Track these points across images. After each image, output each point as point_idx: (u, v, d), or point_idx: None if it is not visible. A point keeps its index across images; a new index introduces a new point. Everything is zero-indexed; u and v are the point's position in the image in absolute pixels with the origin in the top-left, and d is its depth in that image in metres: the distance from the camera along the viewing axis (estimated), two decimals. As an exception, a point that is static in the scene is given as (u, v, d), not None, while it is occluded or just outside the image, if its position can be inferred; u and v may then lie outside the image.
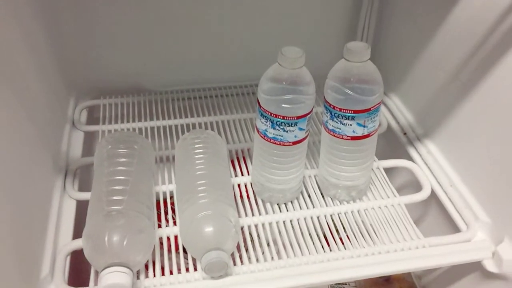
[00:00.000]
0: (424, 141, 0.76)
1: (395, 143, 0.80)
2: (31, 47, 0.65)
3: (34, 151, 0.61)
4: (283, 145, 0.59)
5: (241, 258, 0.58)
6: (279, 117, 0.56)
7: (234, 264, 0.57)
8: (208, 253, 0.52)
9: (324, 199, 0.66)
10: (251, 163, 0.69)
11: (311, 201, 0.66)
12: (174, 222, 0.62)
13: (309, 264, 0.57)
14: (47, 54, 0.73)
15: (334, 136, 0.60)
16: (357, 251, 0.59)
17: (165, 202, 0.66)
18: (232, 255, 0.57)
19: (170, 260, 0.58)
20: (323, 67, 0.62)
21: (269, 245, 0.60)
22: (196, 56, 0.87)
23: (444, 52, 0.70)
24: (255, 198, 0.66)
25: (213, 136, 0.68)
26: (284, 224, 0.63)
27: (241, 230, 0.61)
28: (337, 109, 0.58)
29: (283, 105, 0.56)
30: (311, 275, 0.56)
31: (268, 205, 0.65)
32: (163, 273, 0.56)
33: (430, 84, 0.74)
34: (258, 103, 0.58)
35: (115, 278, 0.49)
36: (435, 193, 0.69)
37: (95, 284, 0.54)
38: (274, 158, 0.60)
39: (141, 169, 0.62)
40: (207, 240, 0.53)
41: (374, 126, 0.60)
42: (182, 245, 0.58)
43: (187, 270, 0.56)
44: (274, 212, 0.64)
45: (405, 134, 0.80)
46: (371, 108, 0.58)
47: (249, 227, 0.62)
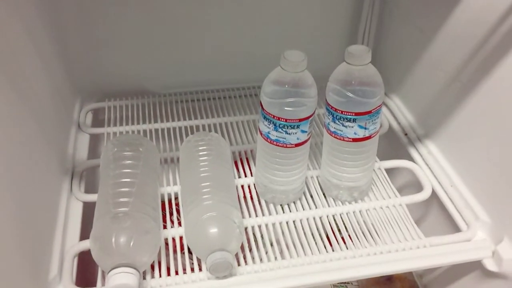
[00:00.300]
0: (425, 142, 0.77)
1: (396, 143, 0.81)
2: (37, 51, 0.66)
3: (41, 154, 0.61)
4: (286, 147, 0.59)
5: (245, 258, 0.59)
6: (282, 119, 0.57)
7: (238, 264, 0.58)
8: (213, 253, 0.53)
9: (327, 200, 0.67)
10: (254, 165, 0.69)
11: (314, 201, 0.67)
12: (179, 223, 0.62)
13: (312, 264, 0.58)
14: (52, 58, 0.74)
15: (335, 138, 0.61)
16: (359, 251, 0.59)
17: (170, 203, 0.66)
18: (236, 255, 0.58)
19: (175, 260, 0.58)
20: (325, 69, 0.63)
21: (272, 245, 0.61)
22: (199, 58, 0.88)
23: (444, 54, 0.70)
24: (259, 199, 0.67)
25: (216, 138, 0.69)
26: (287, 225, 0.63)
27: (245, 231, 0.61)
28: (338, 111, 0.59)
29: (286, 108, 0.56)
30: (314, 275, 0.57)
31: (271, 206, 0.66)
32: (169, 273, 0.57)
33: (431, 85, 0.74)
34: (261, 106, 0.59)
35: (122, 278, 0.50)
36: (435, 193, 0.69)
37: (103, 285, 0.55)
38: (277, 160, 0.61)
39: (147, 171, 0.62)
40: (212, 241, 0.54)
41: (375, 128, 0.61)
42: (187, 245, 0.59)
43: (192, 270, 0.57)
44: (277, 213, 0.65)
45: (406, 134, 0.80)
46: (372, 110, 0.58)
47: (252, 227, 0.63)
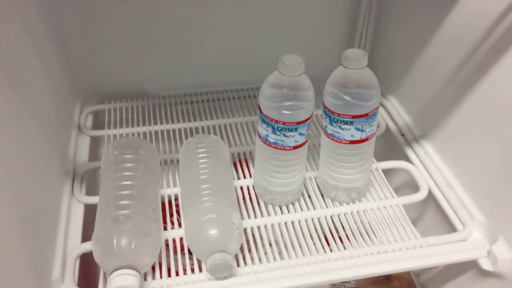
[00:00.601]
0: (422, 142, 0.77)
1: (393, 144, 0.82)
2: (37, 53, 0.66)
3: (43, 156, 0.62)
4: (284, 149, 0.60)
5: (244, 259, 0.59)
6: (280, 123, 0.58)
7: (238, 265, 0.58)
8: (212, 255, 0.54)
9: (325, 201, 0.68)
10: (253, 166, 0.70)
11: (312, 202, 0.67)
12: (179, 224, 0.63)
13: (310, 265, 0.59)
14: (52, 60, 0.74)
15: (333, 140, 0.62)
16: (357, 251, 0.60)
17: (170, 204, 0.67)
18: (236, 256, 0.58)
19: (175, 261, 0.59)
20: (323, 71, 0.64)
21: (271, 246, 0.61)
22: (198, 60, 0.89)
23: (440, 56, 0.71)
24: (257, 200, 0.67)
25: (216, 141, 0.70)
26: (286, 226, 0.64)
27: (244, 232, 0.62)
28: (335, 114, 0.60)
29: (284, 111, 0.57)
30: (312, 275, 0.58)
31: (270, 207, 0.66)
32: (170, 274, 0.58)
33: (427, 87, 0.75)
34: (260, 109, 0.60)
35: (124, 280, 0.51)
36: (432, 194, 0.70)
37: (104, 286, 0.56)
38: (275, 162, 0.62)
39: (147, 174, 0.63)
40: (212, 243, 0.55)
41: (372, 130, 0.61)
42: (187, 246, 0.60)
43: (192, 271, 0.58)
44: (276, 214, 0.66)
45: (403, 135, 0.81)
46: (368, 113, 0.59)
47: (251, 228, 0.64)
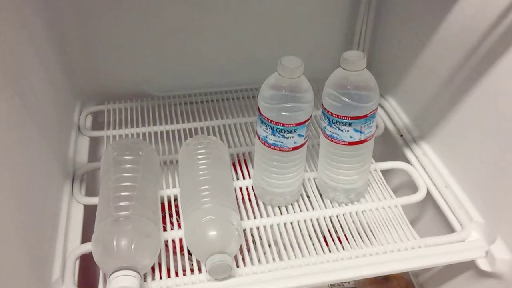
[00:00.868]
0: (420, 143, 0.78)
1: (392, 144, 0.82)
2: (37, 54, 0.67)
3: (42, 156, 0.62)
4: (283, 151, 0.60)
5: (243, 260, 0.60)
6: (279, 124, 0.58)
7: (237, 266, 0.59)
8: (212, 256, 0.54)
9: (323, 201, 0.68)
10: (252, 167, 0.70)
11: (311, 203, 0.68)
12: (179, 225, 0.63)
13: (310, 265, 0.59)
14: (52, 61, 0.75)
15: (332, 141, 0.62)
16: (356, 252, 0.60)
17: (169, 205, 0.67)
18: (235, 256, 0.59)
19: (175, 262, 0.59)
20: (322, 71, 0.64)
21: (270, 246, 0.62)
22: (197, 61, 0.89)
23: (439, 58, 0.71)
24: (257, 201, 0.68)
25: (215, 142, 0.70)
26: (285, 226, 0.64)
27: (244, 232, 0.62)
28: (334, 115, 0.60)
29: (283, 113, 0.57)
30: (312, 275, 0.58)
31: (269, 208, 0.67)
32: (169, 275, 0.58)
33: (426, 88, 0.75)
34: (259, 111, 0.60)
35: (124, 281, 0.51)
36: (430, 194, 0.70)
37: (104, 287, 0.56)
38: (275, 163, 0.62)
39: (147, 175, 0.63)
40: (211, 244, 0.55)
41: (370, 132, 0.62)
42: (187, 247, 0.60)
43: (192, 272, 0.58)
44: (275, 215, 0.66)
45: (401, 136, 0.81)
46: (367, 114, 0.59)
47: (251, 229, 0.64)
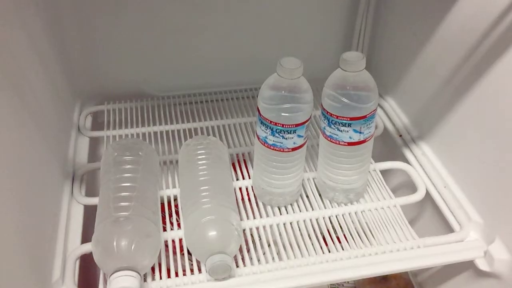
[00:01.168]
0: (419, 143, 0.78)
1: (391, 144, 0.82)
2: (38, 56, 0.67)
3: (42, 157, 0.62)
4: (283, 151, 0.60)
5: (243, 260, 0.60)
6: (279, 125, 0.58)
7: (237, 266, 0.59)
8: (212, 256, 0.54)
9: (323, 202, 0.68)
10: (252, 167, 0.71)
11: (310, 203, 0.68)
12: (179, 225, 0.63)
13: (309, 265, 0.59)
14: (52, 61, 0.75)
15: (331, 142, 0.62)
16: (355, 252, 0.61)
17: (169, 205, 0.67)
18: (235, 257, 0.59)
19: (175, 262, 0.59)
20: (321, 72, 0.65)
21: (270, 246, 0.62)
22: (197, 61, 0.89)
23: (438, 58, 0.71)
24: (256, 201, 0.68)
25: (215, 142, 0.70)
26: (285, 226, 0.64)
27: (243, 233, 0.62)
28: (334, 116, 0.60)
29: (283, 113, 0.57)
30: (311, 275, 0.58)
31: (269, 208, 0.67)
32: (169, 275, 0.58)
33: (425, 88, 0.76)
34: (258, 111, 0.60)
35: (124, 281, 0.51)
36: (429, 194, 0.70)
37: (104, 287, 0.56)
38: (274, 163, 0.62)
39: (147, 176, 0.63)
40: (211, 244, 0.55)
41: (369, 132, 0.62)
42: (187, 247, 0.60)
43: (192, 272, 0.58)
44: (274, 215, 0.66)
45: (400, 136, 0.81)
46: (366, 115, 0.60)
47: (250, 229, 0.64)
